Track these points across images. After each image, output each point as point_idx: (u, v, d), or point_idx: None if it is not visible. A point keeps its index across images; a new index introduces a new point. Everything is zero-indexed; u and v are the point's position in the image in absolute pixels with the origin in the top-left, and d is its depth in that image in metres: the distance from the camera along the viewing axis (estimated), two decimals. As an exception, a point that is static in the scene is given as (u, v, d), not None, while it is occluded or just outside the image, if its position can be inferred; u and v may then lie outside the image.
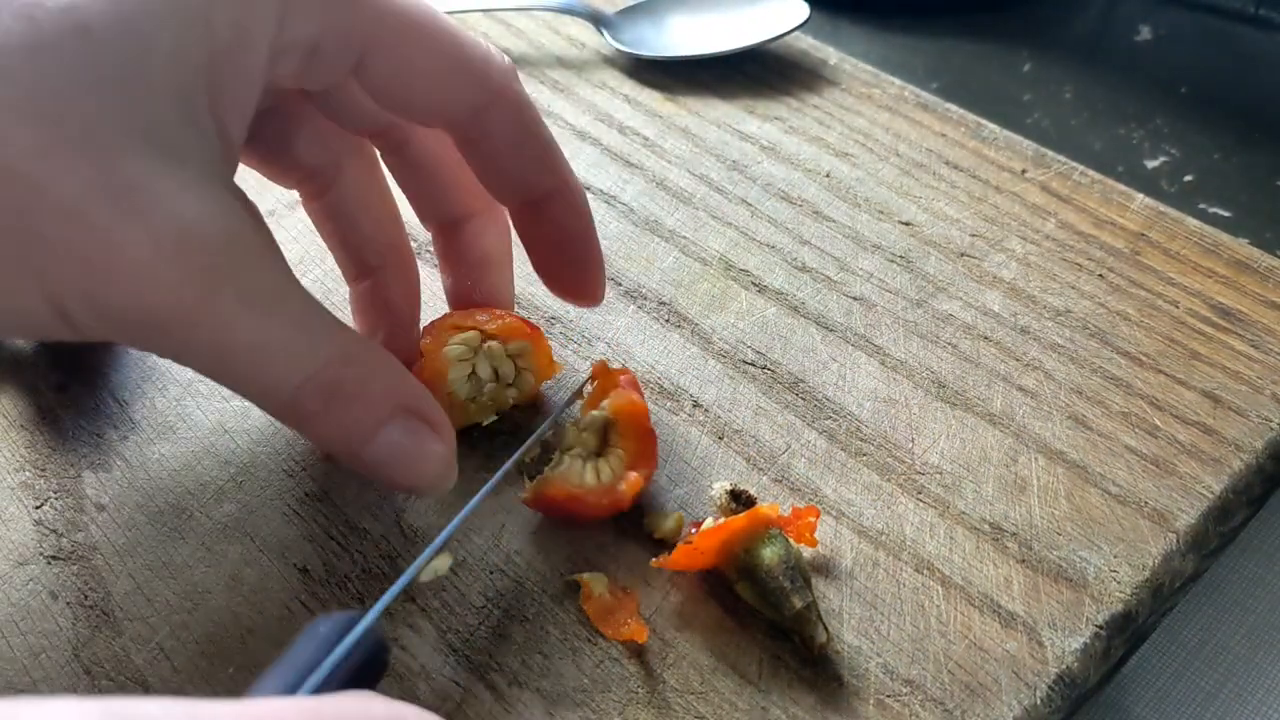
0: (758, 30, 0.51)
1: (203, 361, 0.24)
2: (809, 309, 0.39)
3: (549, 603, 0.30)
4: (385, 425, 0.26)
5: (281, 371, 0.24)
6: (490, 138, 0.30)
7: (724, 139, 0.47)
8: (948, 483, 0.33)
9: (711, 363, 0.37)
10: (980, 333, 0.38)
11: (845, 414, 0.35)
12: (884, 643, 0.29)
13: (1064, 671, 0.28)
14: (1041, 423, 0.35)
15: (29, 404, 0.35)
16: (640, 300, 0.39)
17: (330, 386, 0.25)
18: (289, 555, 0.31)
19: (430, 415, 0.27)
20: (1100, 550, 0.31)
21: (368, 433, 0.26)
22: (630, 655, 0.29)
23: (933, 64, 0.57)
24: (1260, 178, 0.49)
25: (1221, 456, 0.34)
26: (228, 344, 0.23)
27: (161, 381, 0.36)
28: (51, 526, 0.32)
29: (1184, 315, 0.38)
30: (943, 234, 0.42)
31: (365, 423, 0.26)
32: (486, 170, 0.31)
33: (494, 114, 0.29)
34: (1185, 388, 0.36)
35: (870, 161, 0.46)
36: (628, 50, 0.51)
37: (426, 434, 0.26)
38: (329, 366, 0.25)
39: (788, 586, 0.28)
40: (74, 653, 0.29)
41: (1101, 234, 0.42)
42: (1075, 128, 0.52)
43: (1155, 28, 0.60)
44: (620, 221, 0.42)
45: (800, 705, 0.27)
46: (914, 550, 0.31)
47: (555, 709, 0.27)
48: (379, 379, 0.26)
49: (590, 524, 0.31)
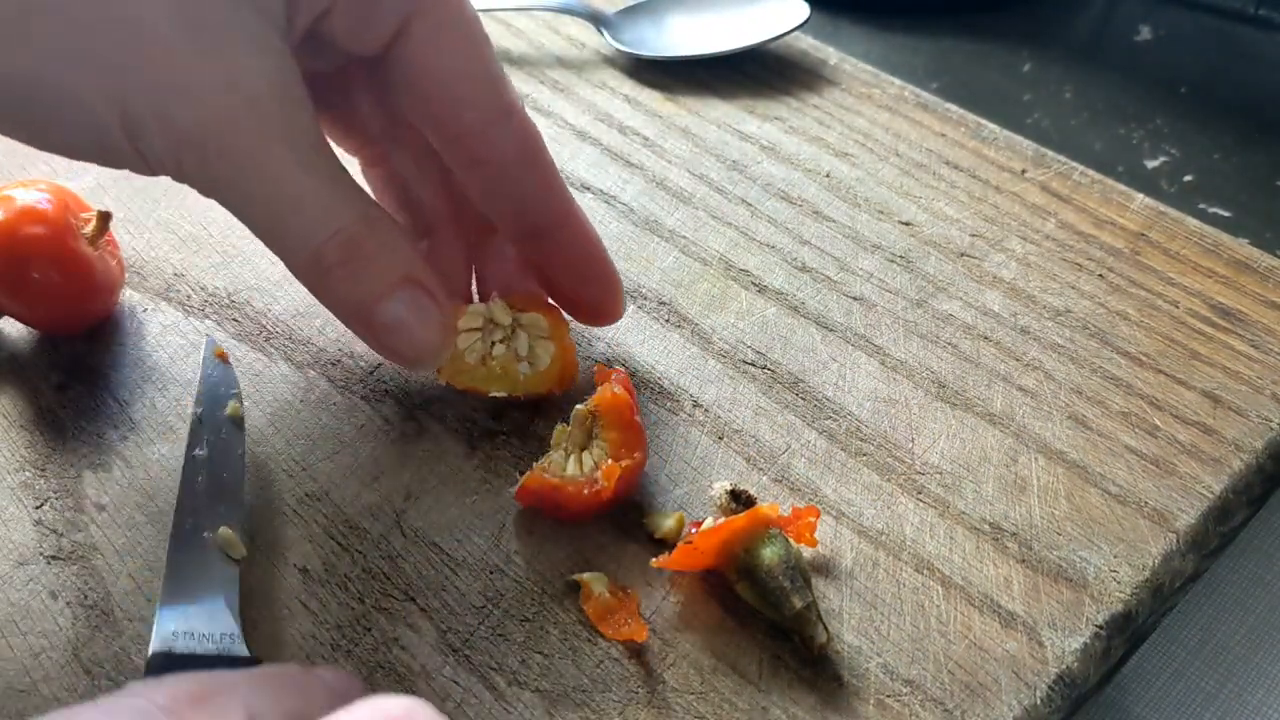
0: (758, 30, 0.51)
1: (244, 201, 0.26)
2: (809, 309, 0.39)
3: (549, 603, 0.30)
4: (395, 290, 0.27)
5: (312, 223, 0.26)
6: (497, 157, 0.31)
7: (724, 139, 0.47)
8: (948, 483, 0.33)
9: (711, 363, 0.37)
10: (980, 333, 0.38)
11: (845, 414, 0.35)
12: (884, 643, 0.29)
13: (1064, 671, 0.28)
14: (1041, 423, 0.35)
15: (29, 404, 0.35)
16: (640, 300, 0.39)
17: (352, 244, 0.26)
18: (289, 555, 0.31)
19: (433, 288, 0.28)
20: (1100, 550, 0.31)
21: (379, 294, 0.27)
22: (630, 655, 0.29)
23: (933, 64, 0.57)
24: (1260, 178, 0.49)
25: (1221, 456, 0.34)
26: (272, 191, 0.25)
27: (161, 381, 0.36)
28: (51, 526, 0.32)
29: (1184, 315, 0.38)
30: (943, 234, 0.42)
31: (378, 284, 0.27)
32: (490, 194, 0.32)
33: (504, 131, 0.30)
34: (1185, 388, 0.36)
35: (870, 161, 0.46)
36: (628, 50, 0.51)
37: (429, 304, 0.28)
38: (354, 225, 0.26)
39: (788, 586, 0.28)
40: (74, 653, 0.29)
41: (1101, 234, 0.42)
42: (1075, 128, 0.52)
43: (1155, 28, 0.60)
44: (620, 221, 0.42)
45: (800, 705, 0.27)
46: (914, 550, 0.31)
47: (555, 709, 0.27)
48: (394, 247, 0.27)
49: (590, 524, 0.31)
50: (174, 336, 0.37)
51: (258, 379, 0.36)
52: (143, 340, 0.37)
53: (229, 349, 0.36)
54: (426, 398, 0.35)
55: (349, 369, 0.36)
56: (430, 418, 0.34)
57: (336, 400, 0.35)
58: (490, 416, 0.35)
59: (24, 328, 0.37)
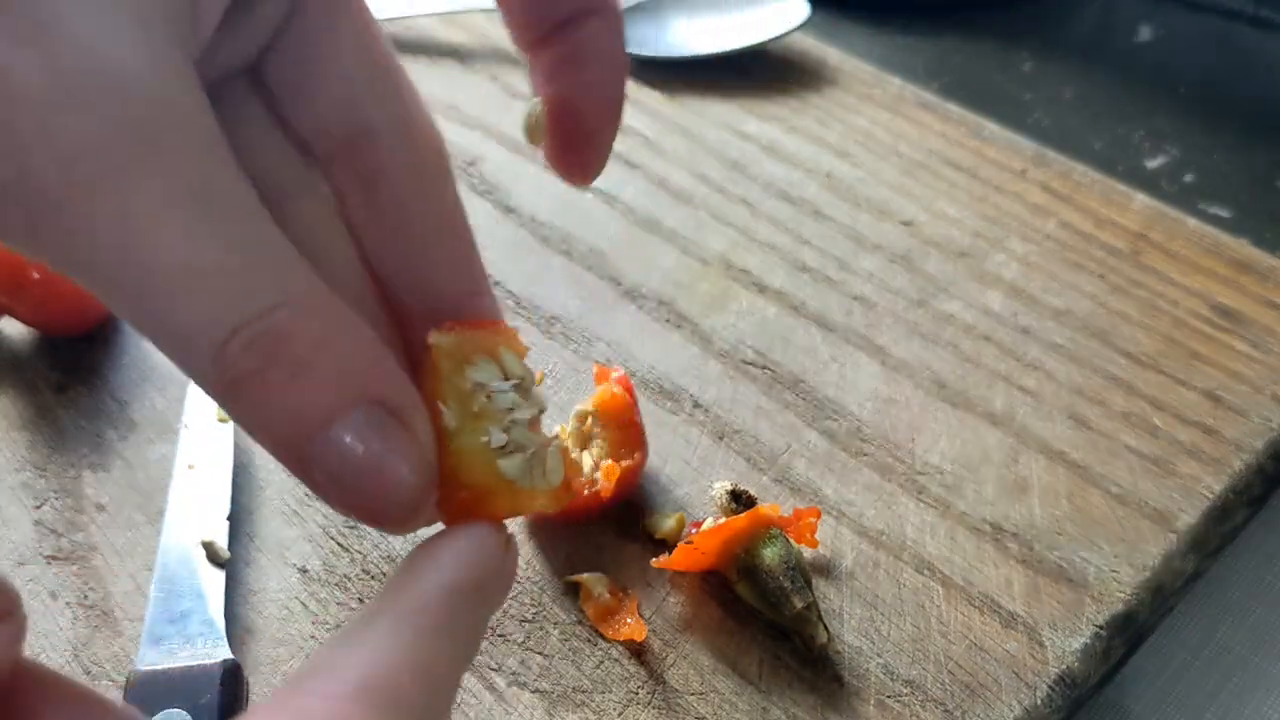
0: (758, 30, 0.51)
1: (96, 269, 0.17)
2: (809, 309, 0.39)
3: (549, 603, 0.30)
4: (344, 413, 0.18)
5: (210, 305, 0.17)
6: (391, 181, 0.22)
7: (724, 139, 0.47)
8: (948, 483, 0.33)
9: (711, 363, 0.37)
10: (981, 333, 0.38)
11: (846, 414, 0.35)
12: (884, 643, 0.29)
13: (1064, 671, 0.28)
14: (1042, 423, 0.35)
15: (29, 404, 0.35)
16: (640, 300, 0.39)
17: (276, 340, 0.17)
18: (289, 555, 0.31)
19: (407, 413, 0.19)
20: (1101, 550, 0.31)
21: (318, 418, 0.18)
22: (630, 655, 0.29)
23: (933, 64, 0.57)
24: (1260, 178, 0.49)
25: (1222, 456, 0.34)
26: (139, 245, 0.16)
27: (161, 381, 0.36)
28: (51, 526, 0.31)
29: (1184, 315, 0.38)
30: (943, 234, 0.42)
31: (316, 403, 0.18)
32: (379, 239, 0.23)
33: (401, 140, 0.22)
34: (1185, 388, 0.36)
35: (870, 161, 0.46)
36: (628, 50, 0.51)
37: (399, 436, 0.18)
38: (279, 311, 0.17)
39: (788, 587, 0.28)
40: (74, 653, 0.29)
41: (1102, 234, 0.42)
42: (1075, 128, 0.52)
43: (1155, 28, 0.60)
44: (620, 221, 0.42)
45: (800, 705, 0.27)
46: (915, 550, 0.31)
47: (555, 709, 0.27)
48: (344, 345, 0.18)
49: (590, 524, 0.31)
50: (174, 336, 0.37)
51: (258, 379, 0.36)
52: (143, 340, 0.37)
53: (229, 349, 0.36)
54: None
55: (349, 369, 0.36)
56: (430, 418, 0.34)
57: (336, 400, 0.35)
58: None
59: (24, 328, 0.37)
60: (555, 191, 0.43)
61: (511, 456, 0.21)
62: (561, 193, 0.43)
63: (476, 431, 0.20)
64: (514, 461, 0.21)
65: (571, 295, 0.39)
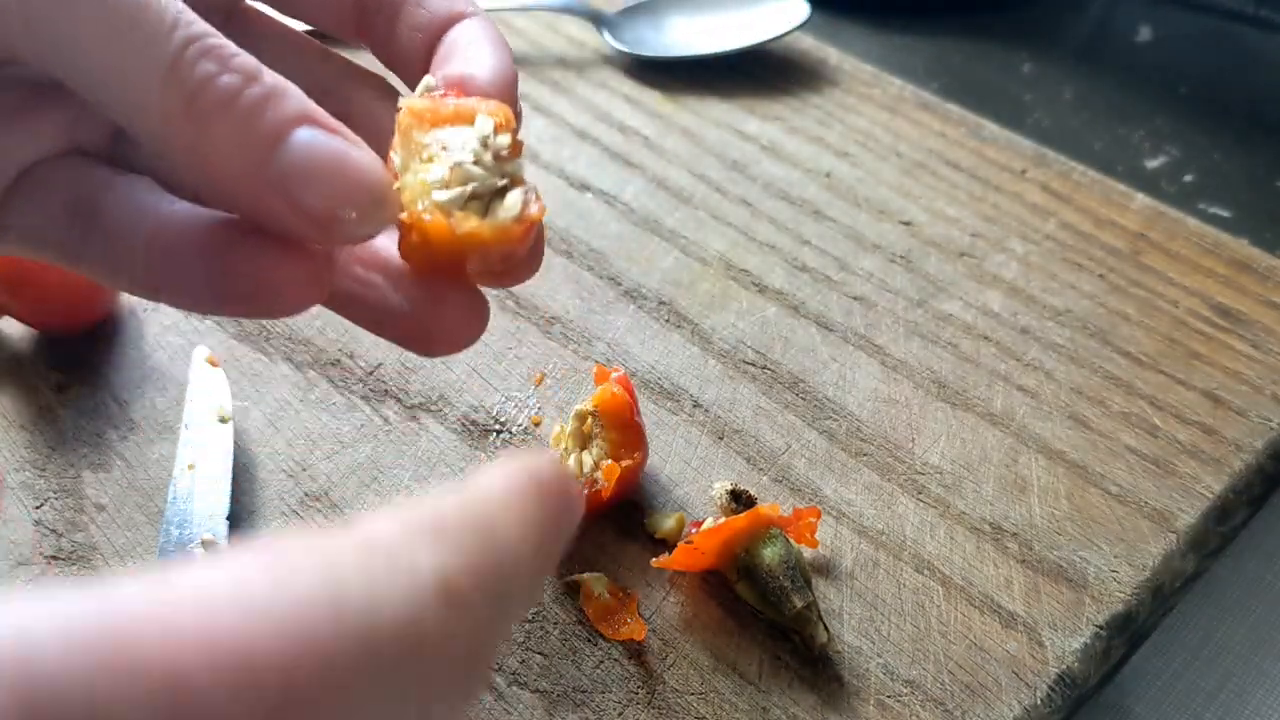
0: (758, 30, 0.51)
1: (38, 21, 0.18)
2: (809, 309, 0.39)
3: (549, 603, 0.30)
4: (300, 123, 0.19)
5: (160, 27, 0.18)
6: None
7: (724, 139, 0.47)
8: (948, 483, 0.33)
9: (711, 363, 0.37)
10: (980, 333, 0.38)
11: (845, 414, 0.35)
12: (884, 643, 0.29)
13: (1064, 671, 0.28)
14: (1042, 423, 0.35)
15: (29, 404, 0.35)
16: (640, 300, 0.39)
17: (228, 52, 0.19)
18: (289, 555, 0.31)
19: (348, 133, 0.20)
20: (1100, 550, 0.31)
21: (281, 119, 0.19)
22: (630, 655, 0.29)
23: (933, 64, 0.57)
24: (1260, 178, 0.49)
25: (1221, 456, 0.34)
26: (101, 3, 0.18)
27: (161, 381, 0.36)
28: (51, 526, 0.31)
29: (1184, 315, 0.38)
30: (943, 234, 0.42)
31: (278, 107, 0.19)
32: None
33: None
34: (1185, 388, 0.36)
35: (870, 161, 0.46)
36: (628, 50, 0.51)
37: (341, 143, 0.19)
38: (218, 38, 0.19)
39: (788, 586, 0.28)
40: (74, 653, 0.28)
41: (1101, 234, 0.42)
42: (1075, 128, 0.52)
43: (1155, 28, 0.60)
44: (620, 221, 0.42)
45: (800, 705, 0.27)
46: (914, 550, 0.31)
47: (555, 709, 0.27)
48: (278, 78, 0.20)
49: (590, 524, 0.31)
50: (173, 336, 0.37)
51: (257, 379, 0.36)
52: (143, 340, 0.37)
53: (229, 349, 0.36)
54: (426, 398, 0.35)
55: (349, 369, 0.36)
56: (430, 417, 0.34)
57: (336, 400, 0.35)
58: (490, 416, 0.35)
59: (24, 328, 0.37)
60: (555, 192, 0.43)
61: (450, 190, 0.20)
62: (561, 193, 0.43)
63: (419, 171, 0.21)
64: (451, 192, 0.20)
65: (571, 295, 0.39)
